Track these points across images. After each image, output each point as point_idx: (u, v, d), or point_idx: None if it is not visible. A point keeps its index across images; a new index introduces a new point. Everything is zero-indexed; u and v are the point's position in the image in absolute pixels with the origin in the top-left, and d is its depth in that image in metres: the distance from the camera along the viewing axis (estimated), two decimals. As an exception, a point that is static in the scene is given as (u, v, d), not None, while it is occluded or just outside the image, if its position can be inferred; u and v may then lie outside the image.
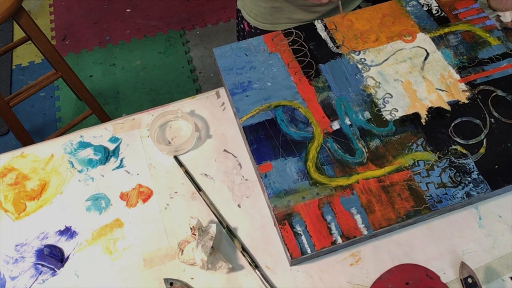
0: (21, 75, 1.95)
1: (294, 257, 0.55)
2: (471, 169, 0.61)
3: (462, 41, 0.74)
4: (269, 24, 0.95)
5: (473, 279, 0.55)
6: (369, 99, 0.68)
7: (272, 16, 0.92)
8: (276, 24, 0.93)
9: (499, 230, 0.60)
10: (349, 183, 0.60)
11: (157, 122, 0.70)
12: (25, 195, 0.64)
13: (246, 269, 0.59)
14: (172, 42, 1.99)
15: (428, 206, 0.58)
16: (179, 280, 0.58)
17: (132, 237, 0.61)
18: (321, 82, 0.70)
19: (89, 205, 0.64)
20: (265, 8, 0.91)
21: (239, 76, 0.71)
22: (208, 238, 0.57)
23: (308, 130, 0.65)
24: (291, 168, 0.62)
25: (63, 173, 0.67)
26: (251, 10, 0.94)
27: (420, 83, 0.69)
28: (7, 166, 0.67)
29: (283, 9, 0.90)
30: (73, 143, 0.69)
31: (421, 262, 0.58)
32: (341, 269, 0.58)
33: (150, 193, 0.65)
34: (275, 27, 0.94)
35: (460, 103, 0.67)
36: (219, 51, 0.74)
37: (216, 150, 0.68)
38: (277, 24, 0.93)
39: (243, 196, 0.64)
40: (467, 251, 0.59)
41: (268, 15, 0.92)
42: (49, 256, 0.59)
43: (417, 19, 0.77)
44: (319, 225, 0.57)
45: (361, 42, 0.74)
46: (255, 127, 0.65)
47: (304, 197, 0.59)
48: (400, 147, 0.63)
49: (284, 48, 0.74)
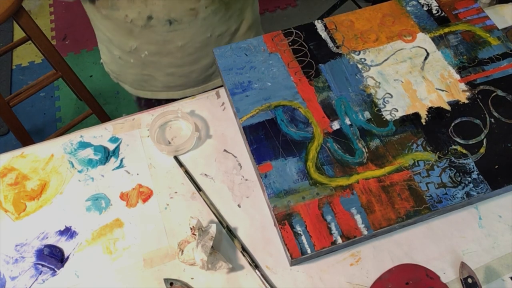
0: (21, 75, 1.95)
1: (294, 257, 0.55)
2: (471, 169, 0.61)
3: (462, 41, 0.74)
4: (148, 92, 0.94)
5: (473, 279, 0.55)
6: (369, 99, 0.68)
7: (147, 83, 0.92)
8: (153, 92, 0.94)
9: (499, 230, 0.60)
10: (349, 183, 0.60)
11: (157, 122, 0.70)
12: (25, 195, 0.64)
13: (246, 269, 0.59)
14: (172, 42, 1.98)
15: (428, 206, 0.58)
16: (179, 280, 0.58)
17: (132, 237, 0.61)
18: (321, 82, 0.70)
19: (89, 205, 0.64)
20: (136, 75, 0.91)
21: (239, 76, 0.71)
22: (208, 238, 0.57)
23: (308, 130, 0.65)
24: (291, 168, 0.62)
25: (63, 173, 0.67)
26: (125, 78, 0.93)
27: (420, 83, 0.69)
28: (7, 166, 0.67)
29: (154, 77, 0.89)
30: (73, 143, 0.69)
31: (421, 262, 0.58)
32: (341, 269, 0.58)
33: (150, 193, 0.65)
34: (154, 94, 0.94)
35: (460, 103, 0.67)
36: (219, 51, 0.74)
37: (216, 150, 0.68)
38: (153, 92, 0.94)
39: (243, 196, 0.64)
40: (467, 251, 0.59)
41: (143, 82, 0.92)
42: (49, 256, 0.59)
43: (417, 19, 0.77)
44: (319, 225, 0.57)
45: (361, 42, 0.74)
46: (255, 127, 0.65)
47: (304, 197, 0.59)
48: (400, 147, 0.63)
49: (284, 48, 0.74)
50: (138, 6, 0.75)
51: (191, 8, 0.77)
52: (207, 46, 0.86)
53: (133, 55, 0.86)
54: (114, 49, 0.88)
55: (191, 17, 0.79)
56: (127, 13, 0.77)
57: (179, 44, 0.83)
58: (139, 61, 0.87)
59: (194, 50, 0.86)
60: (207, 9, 0.79)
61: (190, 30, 0.81)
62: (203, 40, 0.84)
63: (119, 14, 0.77)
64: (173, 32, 0.80)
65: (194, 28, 0.81)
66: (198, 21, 0.80)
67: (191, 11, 0.78)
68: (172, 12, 0.77)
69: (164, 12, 0.76)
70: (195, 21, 0.80)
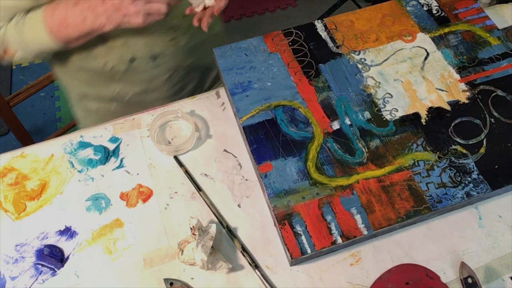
0: (21, 75, 1.95)
1: (294, 257, 0.55)
2: (471, 169, 0.61)
3: (462, 41, 0.74)
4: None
5: (473, 279, 0.55)
6: (369, 99, 0.68)
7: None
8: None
9: (499, 230, 0.60)
10: (349, 183, 0.60)
11: (157, 122, 0.70)
12: (25, 195, 0.64)
13: (246, 269, 0.59)
14: (172, 42, 1.98)
15: (428, 206, 0.58)
16: (179, 280, 0.58)
17: (132, 237, 0.61)
18: (321, 82, 0.70)
19: (89, 205, 0.64)
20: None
21: (239, 76, 0.71)
22: (208, 238, 0.57)
23: (308, 130, 0.65)
24: (291, 168, 0.62)
25: (63, 173, 0.67)
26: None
27: (420, 83, 0.69)
28: (7, 166, 0.67)
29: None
30: (73, 143, 0.69)
31: (421, 262, 0.58)
32: (341, 269, 0.58)
33: (150, 193, 0.65)
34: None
35: (460, 103, 0.67)
36: (219, 51, 0.74)
37: (216, 150, 0.68)
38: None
39: (243, 196, 0.64)
40: (467, 251, 0.59)
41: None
42: (49, 256, 0.59)
43: (417, 19, 0.77)
44: (319, 225, 0.57)
45: (361, 42, 0.74)
46: (255, 127, 0.65)
47: (304, 197, 0.59)
48: (400, 147, 0.63)
49: (284, 48, 0.74)
50: (118, 50, 0.73)
51: (172, 39, 0.76)
52: (191, 71, 0.86)
53: (116, 101, 0.84)
54: (90, 103, 0.86)
55: (172, 47, 0.78)
56: (106, 60, 0.74)
57: (165, 77, 0.82)
58: (122, 105, 0.85)
59: (180, 79, 0.85)
60: (186, 36, 0.78)
61: (174, 61, 0.80)
62: (187, 66, 0.84)
63: (96, 63, 0.74)
64: (158, 67, 0.79)
65: (178, 57, 0.80)
66: (179, 49, 0.79)
67: (172, 41, 0.77)
68: (154, 47, 0.76)
69: (146, 50, 0.75)
70: (177, 51, 0.79)
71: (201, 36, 0.82)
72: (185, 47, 0.80)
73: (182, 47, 0.80)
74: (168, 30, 0.75)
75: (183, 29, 0.77)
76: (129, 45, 0.73)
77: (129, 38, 0.73)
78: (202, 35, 0.78)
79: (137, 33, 0.71)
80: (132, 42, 0.73)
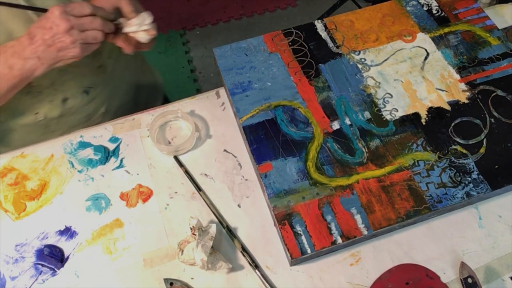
0: (21, 75, 1.95)
1: (294, 257, 0.55)
2: (471, 169, 0.61)
3: (462, 41, 0.74)
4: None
5: (473, 279, 0.55)
6: (369, 99, 0.68)
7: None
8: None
9: (499, 230, 0.60)
10: (349, 183, 0.60)
11: (157, 122, 0.70)
12: (25, 195, 0.64)
13: (246, 269, 0.59)
14: (172, 42, 1.98)
15: (428, 206, 0.58)
16: (179, 280, 0.58)
17: (132, 237, 0.61)
18: (321, 82, 0.70)
19: (89, 205, 0.64)
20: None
21: (239, 76, 0.71)
22: (208, 238, 0.57)
23: (308, 130, 0.65)
24: (291, 168, 0.62)
25: (63, 173, 0.67)
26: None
27: (420, 83, 0.69)
28: (7, 166, 0.67)
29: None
30: (73, 143, 0.69)
31: (421, 262, 0.58)
32: (341, 269, 0.58)
33: (150, 193, 0.65)
34: None
35: (460, 103, 0.67)
36: (219, 51, 0.74)
37: (216, 150, 0.68)
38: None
39: (243, 196, 0.64)
40: (467, 251, 0.59)
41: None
42: (49, 256, 0.59)
43: (417, 19, 0.77)
44: (319, 225, 0.57)
45: (361, 42, 0.74)
46: (255, 127, 0.65)
47: (304, 197, 0.59)
48: (400, 147, 0.63)
49: (284, 48, 0.74)
50: (46, 95, 0.67)
51: (99, 66, 0.73)
52: (127, 94, 0.83)
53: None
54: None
55: (102, 75, 0.75)
56: (37, 111, 0.68)
57: (103, 110, 0.79)
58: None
59: (116, 109, 0.81)
60: (111, 60, 0.75)
61: (106, 90, 0.77)
62: (119, 93, 0.80)
63: (26, 118, 0.68)
64: (93, 101, 0.75)
65: (109, 85, 0.77)
66: (109, 76, 0.76)
67: (99, 68, 0.73)
68: (84, 80, 0.72)
69: (76, 85, 0.71)
70: (107, 78, 0.76)
71: (124, 57, 0.78)
72: (114, 72, 0.77)
73: (111, 72, 0.76)
74: (93, 58, 0.71)
75: (106, 54, 0.74)
76: (57, 85, 0.68)
77: (54, 78, 0.67)
78: (125, 56, 0.74)
79: (62, 69, 0.64)
80: (59, 81, 0.68)
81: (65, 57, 0.57)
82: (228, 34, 2.02)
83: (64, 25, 0.54)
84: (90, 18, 0.56)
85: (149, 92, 0.93)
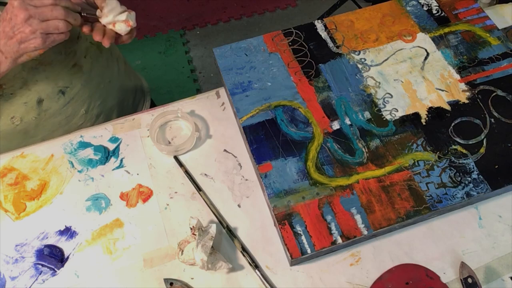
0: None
1: (294, 257, 0.55)
2: (471, 169, 0.61)
3: (462, 41, 0.74)
4: None
5: (473, 279, 0.55)
6: (369, 99, 0.68)
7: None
8: None
9: (499, 230, 0.60)
10: (349, 183, 0.60)
11: (157, 122, 0.70)
12: (25, 195, 0.64)
13: (246, 269, 0.59)
14: (172, 42, 1.98)
15: (428, 206, 0.58)
16: (179, 280, 0.58)
17: (132, 237, 0.61)
18: (321, 82, 0.70)
19: (89, 205, 0.64)
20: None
21: (239, 76, 0.71)
22: (208, 238, 0.57)
23: (308, 130, 0.65)
24: (291, 168, 0.62)
25: (63, 173, 0.67)
26: None
27: (420, 83, 0.69)
28: (7, 166, 0.67)
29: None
30: (73, 143, 0.69)
31: (421, 262, 0.58)
32: (341, 269, 0.58)
33: (150, 193, 0.65)
34: None
35: (460, 103, 0.67)
36: (219, 51, 0.74)
37: (216, 150, 0.68)
38: None
39: (243, 196, 0.64)
40: (467, 251, 0.59)
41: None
42: (49, 256, 0.59)
43: (417, 19, 0.77)
44: (319, 225, 0.57)
45: (361, 42, 0.74)
46: (255, 127, 0.65)
47: (304, 197, 0.59)
48: (400, 147, 0.63)
49: (284, 48, 0.74)
50: (20, 96, 0.66)
51: (73, 65, 0.71)
52: (111, 96, 0.81)
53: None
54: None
55: (78, 75, 0.72)
56: (12, 115, 0.67)
57: (83, 112, 0.77)
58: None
59: (98, 110, 0.80)
60: (87, 59, 0.73)
61: (85, 90, 0.75)
62: (100, 94, 0.78)
63: (2, 123, 0.67)
64: (71, 102, 0.73)
65: (88, 85, 0.75)
66: (86, 75, 0.74)
67: (74, 67, 0.71)
68: (58, 80, 0.69)
69: (51, 85, 0.69)
70: (84, 77, 0.74)
71: (102, 56, 0.77)
72: (92, 72, 0.75)
73: (88, 72, 0.74)
74: (66, 56, 0.69)
75: (81, 52, 0.72)
76: (30, 85, 0.66)
77: (26, 77, 0.65)
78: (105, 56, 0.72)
79: (32, 67, 0.64)
80: (31, 80, 0.65)
81: (27, 49, 0.55)
82: (228, 34, 2.02)
83: (23, 15, 0.53)
84: (50, 7, 0.54)
85: (136, 97, 0.92)
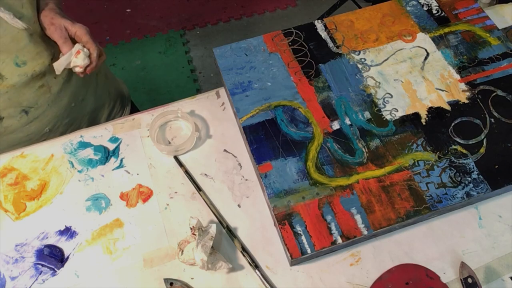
0: (21, 75, 1.95)
1: (294, 257, 0.55)
2: (471, 169, 0.61)
3: (462, 41, 0.74)
4: None
5: (473, 279, 0.55)
6: (369, 99, 0.68)
7: None
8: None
9: (499, 230, 0.60)
10: (349, 183, 0.60)
11: (157, 122, 0.70)
12: (25, 195, 0.64)
13: (246, 269, 0.59)
14: (172, 42, 1.99)
15: (428, 206, 0.58)
16: (179, 280, 0.58)
17: (132, 237, 0.61)
18: (321, 82, 0.70)
19: (89, 205, 0.64)
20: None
21: (239, 76, 0.71)
22: (208, 238, 0.57)
23: (308, 130, 0.65)
24: (291, 168, 0.62)
25: (63, 173, 0.67)
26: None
27: (420, 83, 0.69)
28: (7, 166, 0.67)
29: None
30: (73, 143, 0.69)
31: (421, 262, 0.58)
32: (341, 269, 0.58)
33: (150, 193, 0.65)
34: None
35: (460, 103, 0.67)
36: (219, 51, 0.74)
37: (216, 150, 0.68)
38: None
39: (243, 196, 0.64)
40: (467, 251, 0.59)
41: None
42: (49, 256, 0.59)
43: (417, 19, 0.77)
44: (319, 225, 0.57)
45: (361, 42, 0.74)
46: (255, 127, 0.65)
47: (304, 197, 0.59)
48: (400, 147, 0.63)
49: (284, 48, 0.74)
50: None
51: (41, 86, 0.69)
52: (78, 114, 0.79)
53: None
54: None
55: (45, 95, 0.70)
56: None
57: (47, 130, 0.74)
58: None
59: (65, 128, 0.78)
60: (59, 79, 0.71)
61: (51, 110, 0.73)
62: (69, 112, 0.76)
63: None
64: (34, 121, 0.71)
65: (55, 105, 0.73)
66: (55, 96, 0.72)
67: (42, 88, 0.69)
68: (22, 100, 0.67)
69: (13, 104, 0.67)
70: (52, 98, 0.71)
71: (77, 76, 0.75)
72: (61, 93, 0.73)
73: (57, 93, 0.72)
74: (32, 79, 0.67)
75: (51, 74, 0.70)
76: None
77: None
78: (76, 76, 0.70)
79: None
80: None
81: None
82: (228, 34, 2.02)
83: None
84: None
85: (115, 106, 0.91)
